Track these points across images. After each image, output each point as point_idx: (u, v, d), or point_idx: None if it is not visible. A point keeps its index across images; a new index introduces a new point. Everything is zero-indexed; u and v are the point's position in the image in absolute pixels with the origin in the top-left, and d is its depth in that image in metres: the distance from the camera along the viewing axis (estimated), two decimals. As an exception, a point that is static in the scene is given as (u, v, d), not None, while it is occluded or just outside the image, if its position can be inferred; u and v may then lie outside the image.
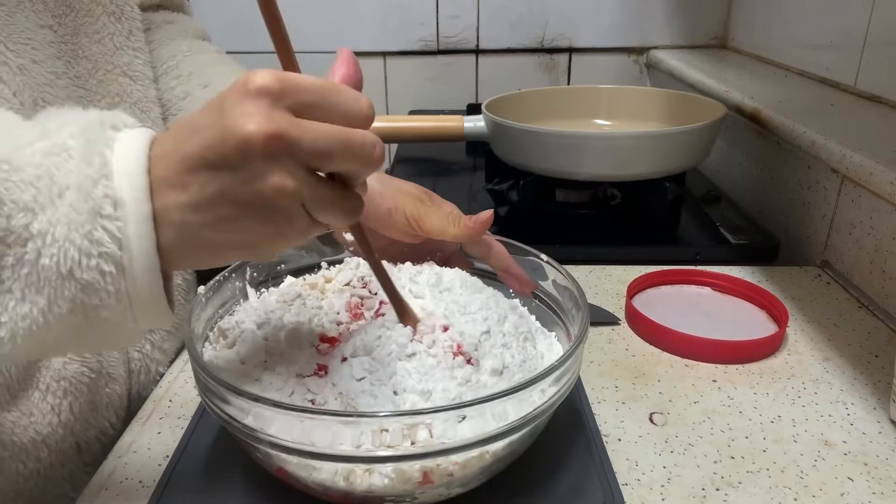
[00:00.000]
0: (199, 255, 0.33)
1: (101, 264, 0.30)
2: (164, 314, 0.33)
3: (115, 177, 0.30)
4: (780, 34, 1.10)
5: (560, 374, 0.40)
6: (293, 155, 0.30)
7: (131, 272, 0.31)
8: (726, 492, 0.44)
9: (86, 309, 0.31)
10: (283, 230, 0.32)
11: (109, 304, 0.31)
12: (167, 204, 0.31)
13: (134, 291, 0.31)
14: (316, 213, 0.32)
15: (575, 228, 0.85)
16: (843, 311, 0.66)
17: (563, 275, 0.50)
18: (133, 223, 0.30)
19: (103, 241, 0.30)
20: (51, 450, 0.48)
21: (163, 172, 0.31)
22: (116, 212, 0.30)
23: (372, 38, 1.33)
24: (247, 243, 0.33)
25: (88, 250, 0.30)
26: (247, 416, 0.37)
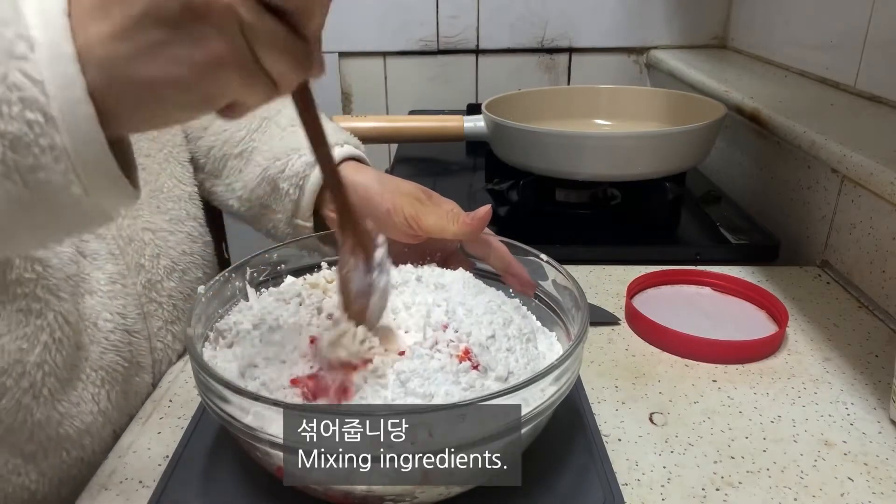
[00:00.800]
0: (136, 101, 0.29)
1: (24, 112, 0.27)
2: (120, 183, 0.29)
3: (26, 16, 0.27)
4: (780, 34, 1.10)
5: (560, 373, 0.40)
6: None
7: (63, 123, 0.27)
8: (726, 492, 0.44)
9: (21, 171, 0.27)
10: (220, 58, 0.28)
11: (46, 164, 0.27)
12: (89, 39, 0.27)
13: (73, 147, 0.27)
14: (257, 46, 0.28)
15: (575, 228, 0.85)
16: (843, 311, 0.66)
17: (563, 275, 0.50)
18: (53, 65, 0.27)
19: (22, 85, 0.26)
20: (93, 437, 0.49)
21: (83, 5, 0.27)
22: (33, 53, 0.27)
23: (372, 38, 1.33)
24: (183, 79, 0.28)
25: (7, 97, 0.26)
26: (247, 415, 0.37)
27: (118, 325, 0.51)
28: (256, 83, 0.29)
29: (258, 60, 0.28)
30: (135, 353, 0.53)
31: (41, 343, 0.44)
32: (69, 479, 0.48)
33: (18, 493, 0.45)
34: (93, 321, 0.49)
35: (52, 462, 0.46)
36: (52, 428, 0.46)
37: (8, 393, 0.43)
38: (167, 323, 0.57)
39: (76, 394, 0.47)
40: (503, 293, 0.51)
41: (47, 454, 0.46)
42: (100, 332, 0.50)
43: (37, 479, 0.46)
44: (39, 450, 0.45)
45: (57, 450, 0.47)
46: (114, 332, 0.51)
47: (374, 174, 0.58)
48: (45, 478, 0.46)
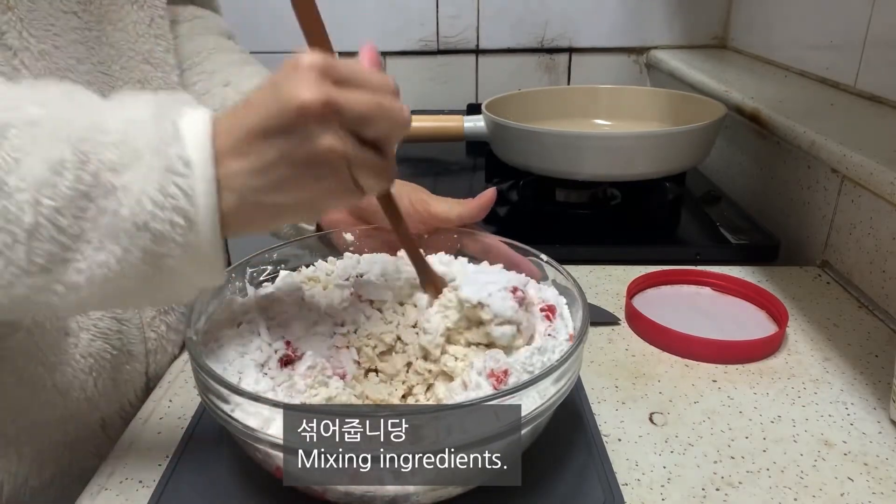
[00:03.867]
0: (256, 218, 0.37)
1: (172, 216, 0.33)
2: (218, 271, 0.37)
3: (185, 140, 0.34)
4: (780, 34, 1.10)
5: (560, 374, 0.40)
6: (341, 118, 0.34)
7: (197, 226, 0.34)
8: (726, 492, 0.44)
9: (155, 258, 0.34)
10: (333, 189, 0.36)
11: (176, 255, 0.34)
12: (230, 171, 0.35)
13: (198, 244, 0.34)
14: (358, 173, 0.36)
15: (575, 228, 0.85)
16: (843, 311, 0.66)
17: (563, 275, 0.50)
18: (201, 181, 0.34)
19: (176, 196, 0.33)
20: (77, 424, 0.49)
21: (224, 144, 0.35)
22: (187, 170, 0.34)
23: (372, 38, 1.33)
24: (300, 203, 0.37)
25: (162, 203, 0.33)
26: (247, 416, 0.37)
27: (106, 313, 0.52)
28: (352, 197, 0.37)
29: (356, 180, 0.36)
30: (125, 341, 0.53)
31: (23, 328, 0.45)
32: (50, 462, 0.48)
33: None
34: None
35: (34, 446, 0.47)
36: (35, 412, 0.46)
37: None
38: (160, 313, 0.57)
39: (64, 380, 0.48)
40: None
41: (31, 437, 0.46)
42: (88, 319, 0.50)
43: (17, 461, 0.46)
44: (22, 432, 0.46)
45: (39, 434, 0.47)
46: (102, 320, 0.51)
47: None
48: (25, 460, 0.47)
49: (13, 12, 0.44)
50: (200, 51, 0.66)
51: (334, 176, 0.36)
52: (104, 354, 0.51)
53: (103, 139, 0.33)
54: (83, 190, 0.32)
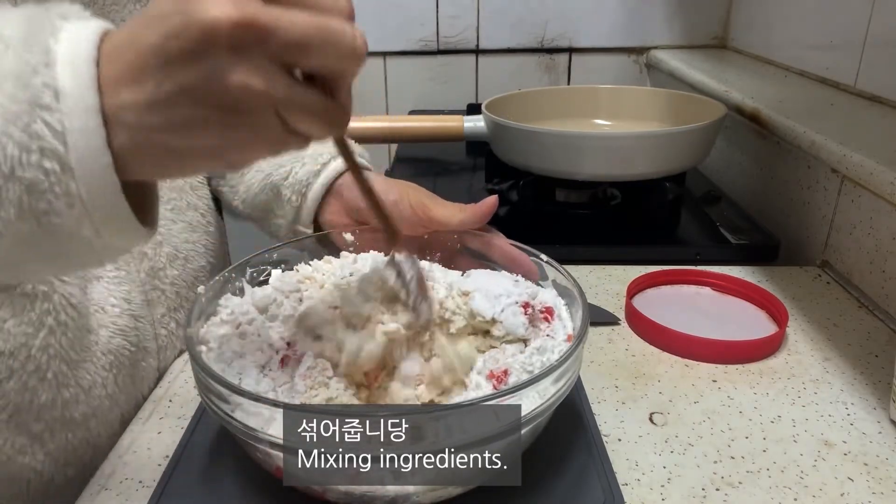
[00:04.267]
0: (160, 161, 0.30)
1: (42, 161, 0.27)
2: (132, 227, 0.30)
3: (57, 66, 0.27)
4: (780, 34, 1.10)
5: (560, 374, 0.40)
6: (264, 46, 0.27)
7: (80, 172, 0.28)
8: (726, 492, 0.44)
9: (36, 214, 0.28)
10: (255, 136, 0.29)
11: (59, 209, 0.28)
12: (121, 102, 0.28)
13: (87, 195, 0.28)
14: (292, 119, 0.29)
15: (575, 228, 0.85)
16: (843, 311, 0.66)
17: (563, 275, 0.50)
18: (76, 117, 0.27)
19: (43, 135, 0.27)
20: (98, 420, 0.49)
21: (115, 68, 0.28)
22: (58, 103, 0.27)
23: (372, 38, 1.31)
24: (211, 151, 0.29)
25: (27, 145, 0.27)
26: (247, 416, 0.37)
27: (124, 310, 0.52)
28: (288, 145, 0.30)
29: (290, 128, 0.29)
30: (141, 337, 0.54)
31: (46, 326, 0.45)
32: (75, 459, 0.48)
33: (24, 473, 0.46)
34: (101, 305, 0.50)
35: (58, 443, 0.47)
36: (59, 410, 0.46)
37: (14, 375, 0.43)
38: (170, 310, 0.58)
39: (87, 377, 0.48)
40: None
41: (53, 435, 0.46)
42: (108, 317, 0.50)
43: (42, 459, 0.46)
44: (46, 430, 0.46)
45: (63, 431, 0.47)
46: (121, 317, 0.51)
47: (375, 176, 0.59)
48: (50, 458, 0.47)
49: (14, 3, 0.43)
50: None
51: (255, 120, 0.28)
52: (123, 351, 0.51)
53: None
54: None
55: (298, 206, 0.61)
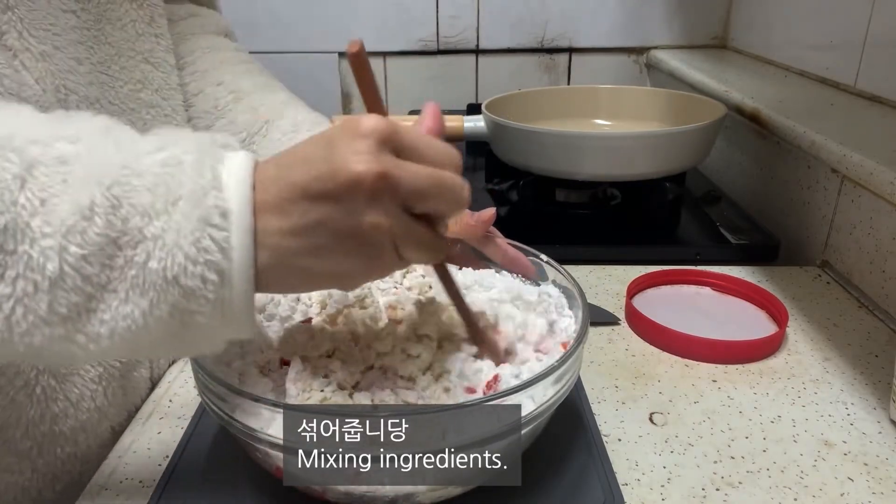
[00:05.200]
0: (289, 280, 0.34)
1: (205, 272, 0.31)
2: (248, 327, 0.34)
3: (224, 189, 0.32)
4: (780, 34, 1.10)
5: (560, 374, 0.40)
6: (394, 194, 0.32)
7: (230, 282, 0.32)
8: (726, 492, 0.44)
9: (183, 314, 0.32)
10: (372, 264, 0.34)
11: (206, 312, 0.32)
12: (267, 227, 0.32)
13: (230, 300, 0.32)
14: (404, 250, 0.34)
15: (575, 228, 0.85)
16: (843, 311, 0.66)
17: (563, 275, 0.50)
18: (237, 234, 0.31)
19: (210, 250, 0.31)
20: (88, 434, 0.49)
21: (265, 196, 0.32)
22: (224, 222, 0.31)
23: (372, 38, 1.33)
24: (335, 274, 0.34)
25: (195, 257, 0.31)
26: (247, 416, 0.37)
27: None
28: (394, 269, 0.36)
29: (401, 256, 0.34)
30: None
31: None
32: (63, 474, 0.48)
33: (10, 491, 0.45)
34: None
35: (46, 459, 0.46)
36: (47, 425, 0.46)
37: (1, 392, 0.43)
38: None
39: (75, 391, 0.47)
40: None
41: (42, 451, 0.46)
42: None
43: (30, 476, 0.46)
44: (34, 446, 0.45)
45: (51, 446, 0.47)
46: None
47: None
48: (38, 474, 0.46)
49: (13, 12, 0.43)
50: (194, 50, 0.66)
51: (377, 251, 0.34)
52: (112, 363, 0.50)
53: (137, 182, 0.31)
54: (113, 237, 0.30)
55: None
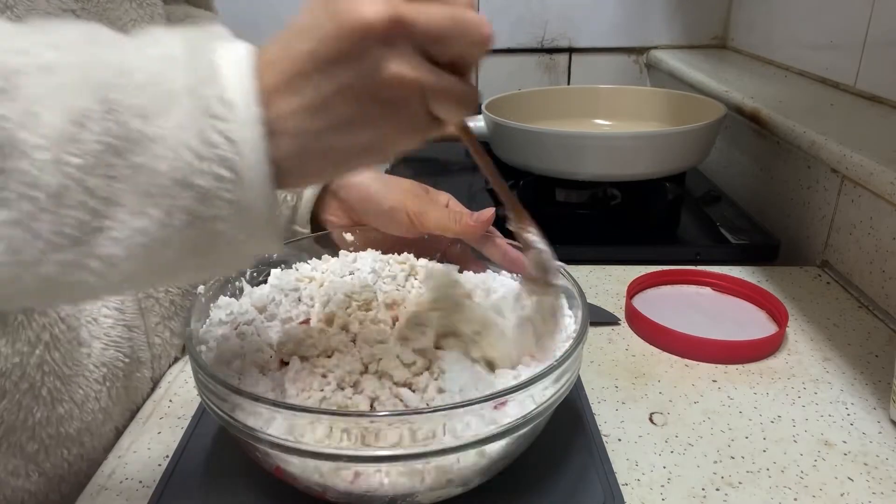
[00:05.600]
0: (320, 165, 0.32)
1: (216, 168, 0.28)
2: (276, 234, 0.32)
3: (222, 79, 0.29)
4: (780, 34, 1.10)
5: (560, 373, 0.40)
6: (411, 39, 0.29)
7: (248, 181, 0.29)
8: (726, 492, 0.44)
9: (203, 221, 0.29)
10: (403, 127, 0.31)
11: (227, 216, 0.29)
12: (281, 112, 0.29)
13: (249, 201, 0.29)
14: (434, 103, 0.31)
15: (575, 228, 0.85)
16: (843, 311, 0.66)
17: (563, 275, 0.50)
18: (244, 127, 0.29)
19: (218, 144, 0.28)
20: (93, 435, 0.49)
21: (272, 79, 0.29)
22: (229, 112, 0.28)
23: (372, 38, 1.33)
24: (368, 146, 0.31)
25: (203, 153, 0.28)
26: (247, 416, 0.37)
27: (118, 321, 0.51)
28: (430, 131, 0.33)
29: (433, 113, 0.31)
30: (135, 348, 0.53)
31: (42, 343, 0.44)
32: (70, 476, 0.48)
33: (18, 495, 0.45)
34: (93, 316, 0.49)
35: (53, 461, 0.46)
36: (53, 427, 0.46)
37: (7, 395, 0.43)
38: (164, 319, 0.57)
39: (79, 392, 0.47)
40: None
41: (48, 453, 0.46)
42: (100, 328, 0.50)
43: (37, 479, 0.46)
44: (41, 449, 0.45)
45: (58, 448, 0.46)
46: (114, 328, 0.51)
47: (372, 174, 0.59)
48: (44, 477, 0.46)
49: (11, 11, 0.43)
50: None
51: (407, 109, 0.30)
52: (116, 363, 0.50)
53: (129, 83, 0.28)
54: (112, 143, 0.27)
55: (294, 205, 0.61)
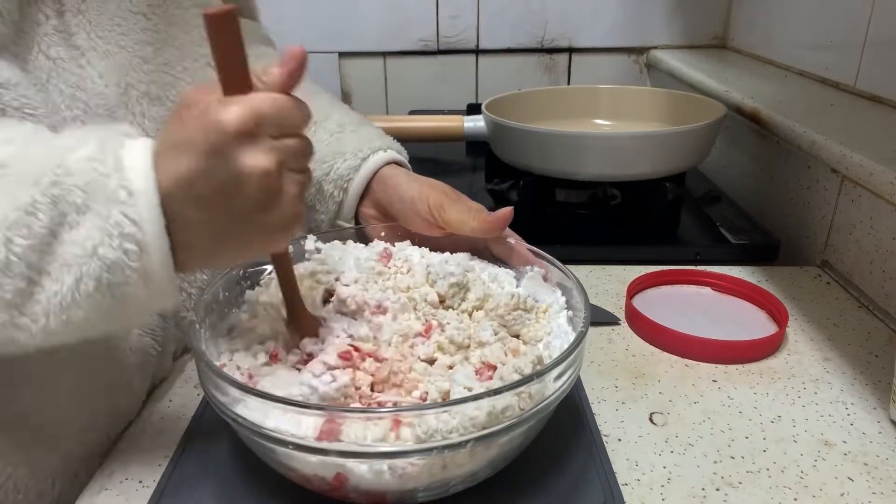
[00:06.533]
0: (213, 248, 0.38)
1: (123, 244, 0.34)
2: (172, 293, 0.38)
3: (127, 173, 0.35)
4: (780, 34, 1.10)
5: (560, 372, 0.40)
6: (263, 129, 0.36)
7: (150, 251, 0.35)
8: (726, 492, 0.44)
9: (111, 287, 0.35)
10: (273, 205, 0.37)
11: (133, 282, 0.35)
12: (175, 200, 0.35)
13: (152, 269, 0.35)
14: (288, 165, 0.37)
15: (575, 228, 0.85)
16: (843, 311, 0.66)
17: (565, 274, 0.50)
18: (146, 209, 0.35)
19: (122, 224, 0.34)
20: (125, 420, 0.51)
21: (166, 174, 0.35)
22: (132, 199, 0.35)
23: (372, 38, 1.33)
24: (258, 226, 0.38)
25: (110, 231, 0.34)
26: (250, 411, 0.37)
27: None
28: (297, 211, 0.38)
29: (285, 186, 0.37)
30: (166, 338, 0.54)
31: None
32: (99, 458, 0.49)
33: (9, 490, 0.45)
34: None
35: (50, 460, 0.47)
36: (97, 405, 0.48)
37: None
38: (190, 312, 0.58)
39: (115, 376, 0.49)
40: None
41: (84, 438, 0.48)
42: None
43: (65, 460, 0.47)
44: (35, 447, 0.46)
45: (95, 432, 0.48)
46: (152, 317, 0.52)
47: (406, 172, 0.61)
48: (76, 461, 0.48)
49: (83, 15, 0.47)
50: None
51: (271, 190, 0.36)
52: (150, 350, 0.52)
53: (70, 182, 0.34)
54: (53, 229, 0.34)
55: (340, 200, 0.62)
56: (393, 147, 0.64)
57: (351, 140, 0.63)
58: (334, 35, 1.31)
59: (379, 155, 0.62)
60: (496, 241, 0.54)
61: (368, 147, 0.62)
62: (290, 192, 0.37)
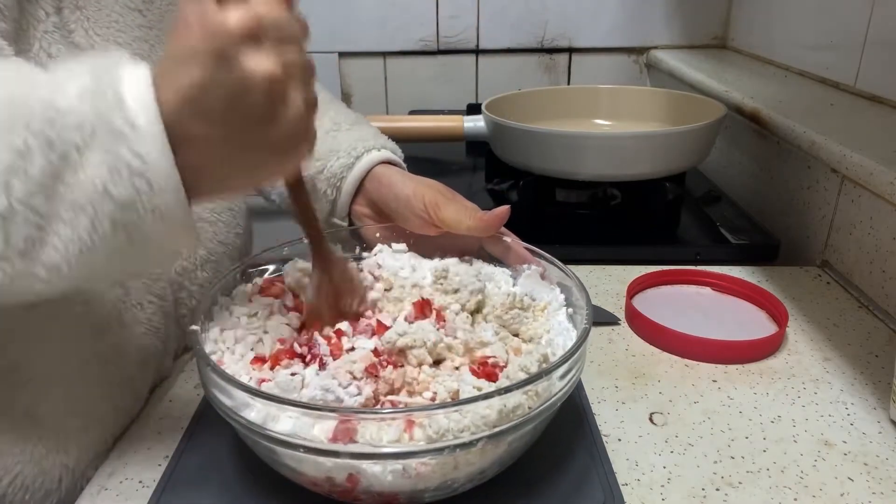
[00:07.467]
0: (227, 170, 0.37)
1: (133, 180, 0.33)
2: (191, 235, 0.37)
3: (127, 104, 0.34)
4: (780, 34, 1.10)
5: (562, 372, 0.40)
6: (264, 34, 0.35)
7: (160, 188, 0.34)
8: (726, 492, 0.44)
9: (127, 227, 0.34)
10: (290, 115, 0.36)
11: (148, 221, 0.34)
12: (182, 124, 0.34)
13: (164, 207, 0.35)
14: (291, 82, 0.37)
15: (575, 228, 0.85)
16: (843, 311, 0.66)
17: (566, 274, 0.50)
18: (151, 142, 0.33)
19: (129, 159, 0.33)
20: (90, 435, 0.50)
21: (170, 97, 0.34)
22: (134, 132, 0.33)
23: (372, 38, 1.33)
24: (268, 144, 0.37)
25: (118, 167, 0.33)
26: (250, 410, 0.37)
27: (158, 308, 0.53)
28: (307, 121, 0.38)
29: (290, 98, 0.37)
30: (168, 336, 0.54)
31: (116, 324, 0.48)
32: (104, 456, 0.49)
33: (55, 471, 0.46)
34: (139, 301, 0.51)
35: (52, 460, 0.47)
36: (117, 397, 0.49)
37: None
38: (192, 312, 0.58)
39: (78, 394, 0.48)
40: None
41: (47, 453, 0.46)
42: (143, 314, 0.51)
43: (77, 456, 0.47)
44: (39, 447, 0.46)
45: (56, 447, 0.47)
46: (155, 315, 0.52)
47: (400, 171, 0.61)
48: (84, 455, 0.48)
49: (82, 12, 0.47)
50: None
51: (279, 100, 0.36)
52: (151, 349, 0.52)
53: (63, 121, 0.33)
54: (53, 171, 0.32)
55: (334, 199, 0.62)
56: (387, 146, 0.64)
57: (345, 138, 0.63)
58: (334, 35, 1.31)
59: (373, 154, 0.62)
60: (492, 240, 0.54)
61: (363, 146, 0.62)
62: (296, 105, 0.36)
